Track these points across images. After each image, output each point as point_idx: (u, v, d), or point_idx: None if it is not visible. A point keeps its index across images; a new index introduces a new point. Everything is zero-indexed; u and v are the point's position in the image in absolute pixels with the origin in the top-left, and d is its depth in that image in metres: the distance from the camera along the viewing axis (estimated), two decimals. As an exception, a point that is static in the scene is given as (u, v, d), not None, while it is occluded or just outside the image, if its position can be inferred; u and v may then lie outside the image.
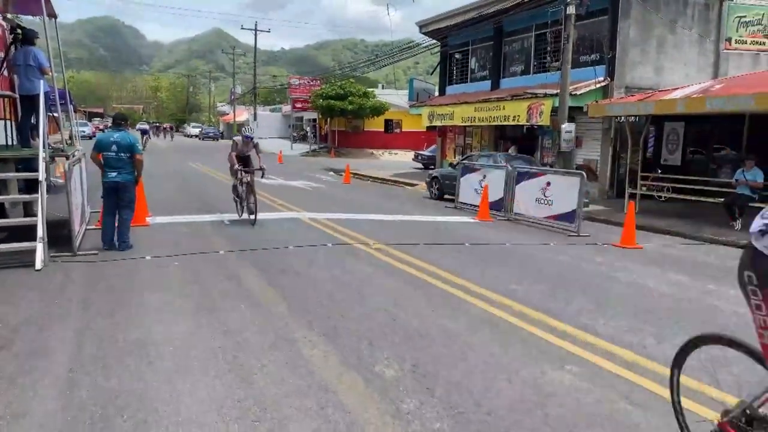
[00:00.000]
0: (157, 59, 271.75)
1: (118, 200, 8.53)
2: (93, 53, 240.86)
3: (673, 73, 17.99)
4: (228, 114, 76.86)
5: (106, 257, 7.98)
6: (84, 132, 35.21)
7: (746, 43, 17.17)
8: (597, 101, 16.62)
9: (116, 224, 8.58)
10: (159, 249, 8.59)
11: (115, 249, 8.41)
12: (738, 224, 12.14)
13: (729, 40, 16.94)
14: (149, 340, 4.94)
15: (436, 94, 29.39)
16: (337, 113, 43.31)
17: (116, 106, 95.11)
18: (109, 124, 11.24)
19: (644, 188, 15.52)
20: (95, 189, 9.69)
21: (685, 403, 3.54)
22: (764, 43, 17.38)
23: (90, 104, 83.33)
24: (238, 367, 4.43)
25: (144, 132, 44.97)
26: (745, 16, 16.99)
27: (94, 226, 9.63)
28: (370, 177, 25.59)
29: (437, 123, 25.11)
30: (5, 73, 10.75)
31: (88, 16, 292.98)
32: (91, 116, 65.75)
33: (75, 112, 13.49)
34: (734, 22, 16.90)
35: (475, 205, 14.22)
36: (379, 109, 44.45)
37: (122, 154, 8.45)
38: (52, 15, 9.58)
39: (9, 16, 12.19)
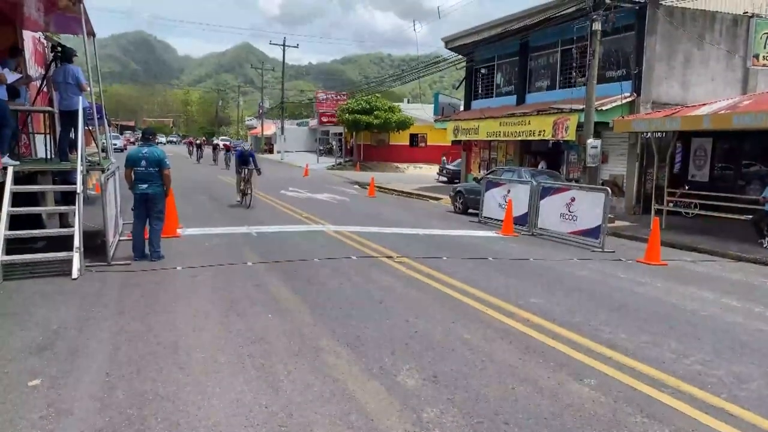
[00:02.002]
0: (187, 73, 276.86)
1: (149, 211, 8.82)
2: (125, 67, 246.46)
3: (700, 88, 17.91)
4: (256, 128, 77.96)
5: (138, 267, 8.27)
6: (116, 145, 36.09)
7: (775, 59, 17.03)
8: (623, 117, 16.61)
9: (147, 235, 8.87)
10: (190, 259, 8.86)
11: (147, 259, 8.69)
12: (766, 242, 12.01)
13: (757, 56, 16.83)
14: (181, 345, 5.15)
15: (461, 108, 29.54)
16: (363, 127, 43.68)
17: (147, 119, 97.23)
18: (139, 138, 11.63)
19: (671, 204, 15.43)
20: (126, 201, 10.02)
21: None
22: (792, 60, 17.22)
23: (121, 117, 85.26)
24: (266, 373, 4.61)
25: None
26: (773, 32, 16.87)
27: (126, 237, 9.96)
28: (395, 190, 25.77)
29: (462, 137, 25.25)
30: (45, 89, 11.22)
31: (121, 32, 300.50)
32: (122, 129, 67.22)
33: (109, 126, 13.92)
34: (762, 38, 16.79)
35: (500, 220, 14.28)
36: (404, 124, 44.71)
37: (151, 169, 8.73)
38: (91, 34, 9.98)
39: (49, 34, 12.73)
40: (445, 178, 32.10)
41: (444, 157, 35.32)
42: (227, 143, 51.49)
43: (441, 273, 8.59)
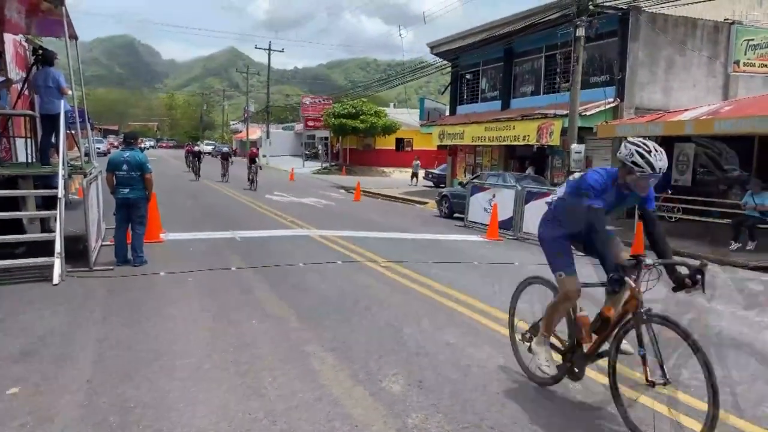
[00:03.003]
0: (173, 77, 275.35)
1: (131, 216, 8.74)
2: (110, 71, 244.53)
3: (682, 94, 18.12)
4: (241, 132, 77.64)
5: (121, 272, 8.18)
6: (99, 149, 35.74)
7: (755, 65, 17.28)
8: (606, 122, 16.76)
9: (129, 240, 8.78)
10: (173, 264, 8.78)
11: (130, 264, 8.60)
12: (735, 245, 12.16)
13: (737, 62, 17.06)
14: (165, 351, 5.09)
15: (447, 113, 29.65)
16: (349, 132, 43.69)
17: (131, 123, 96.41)
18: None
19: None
20: (109, 205, 9.91)
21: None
22: (772, 66, 17.49)
23: (105, 121, 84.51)
24: (251, 379, 4.57)
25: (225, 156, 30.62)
26: (753, 39, 17.12)
27: (108, 242, 9.85)
28: (381, 195, 25.78)
29: (448, 142, 25.34)
30: (26, 92, 11.07)
31: (106, 35, 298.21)
32: (106, 133, 66.66)
33: (92, 129, 13.78)
34: (743, 45, 17.03)
35: (485, 224, 14.33)
36: (390, 128, 44.79)
37: (133, 173, 8.65)
38: (74, 37, 9.88)
39: (30, 36, 12.57)
40: (431, 183, 32.14)
41: (416, 161, 35.03)
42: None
43: (427, 277, 8.59)
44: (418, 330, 6.03)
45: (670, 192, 16.68)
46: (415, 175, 33.80)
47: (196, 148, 34.97)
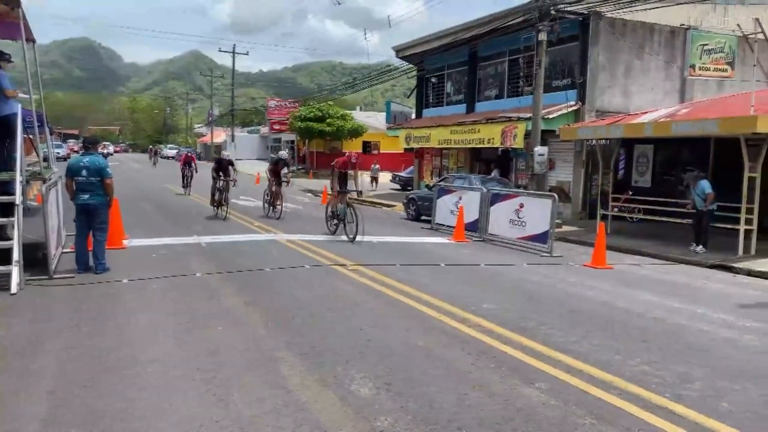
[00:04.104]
0: (135, 80, 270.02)
1: (91, 222, 8.54)
2: (69, 74, 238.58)
3: (641, 97, 18.58)
4: (205, 135, 76.69)
5: (82, 280, 7.99)
6: (59, 153, 34.84)
7: (710, 69, 17.80)
8: (569, 125, 17.06)
9: (91, 247, 8.59)
10: (137, 271, 8.61)
11: (91, 272, 8.41)
12: (695, 246, 12.40)
13: (693, 66, 17.54)
14: (130, 360, 5.01)
15: (413, 116, 29.78)
16: (316, 135, 43.55)
17: (92, 127, 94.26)
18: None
19: (615, 209, 15.91)
20: (69, 212, 9.68)
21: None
22: (726, 70, 18.04)
23: (66, 125, 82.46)
24: (218, 386, 4.52)
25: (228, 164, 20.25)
26: (707, 44, 17.64)
27: (69, 250, 9.62)
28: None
29: (414, 145, 25.46)
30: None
31: (64, 38, 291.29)
32: (66, 137, 65.10)
33: (51, 134, 13.43)
34: (698, 50, 17.52)
35: (451, 226, 14.44)
36: (357, 131, 44.79)
37: (92, 178, 8.44)
38: (31, 39, 9.63)
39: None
40: (398, 186, 32.12)
41: (375, 165, 33.92)
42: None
43: (394, 280, 8.62)
44: (385, 333, 6.05)
45: (630, 193, 17.07)
46: (374, 179, 32.54)
47: (189, 153, 28.97)
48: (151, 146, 68.04)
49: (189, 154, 26.57)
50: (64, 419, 3.91)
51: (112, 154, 71.41)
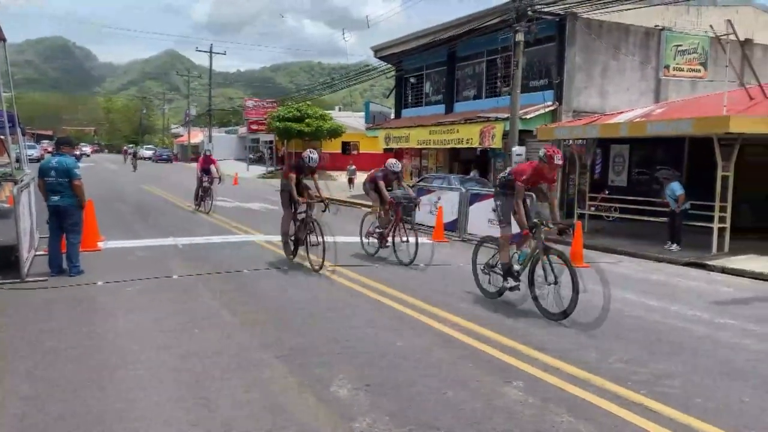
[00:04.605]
0: (111, 80, 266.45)
1: (61, 224, 8.38)
2: (43, 74, 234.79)
3: (617, 97, 18.81)
4: (182, 136, 75.93)
5: (55, 283, 7.84)
6: (32, 155, 34.20)
7: (683, 70, 18.09)
8: (546, 125, 17.20)
9: (64, 249, 8.43)
10: (111, 274, 8.48)
11: (65, 274, 8.26)
12: (674, 247, 12.59)
13: (667, 67, 17.82)
14: (106, 363, 4.93)
15: (392, 117, 29.79)
16: (294, 135, 43.30)
17: (67, 128, 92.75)
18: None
19: (592, 208, 16.08)
20: (43, 213, 9.50)
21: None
22: (699, 71, 18.35)
23: (40, 126, 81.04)
24: (198, 389, 4.47)
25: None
26: (681, 45, 17.93)
27: (42, 252, 9.44)
28: (327, 199, 25.59)
29: (394, 145, 25.48)
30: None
31: (37, 37, 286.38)
32: (39, 138, 63.98)
33: (23, 134, 13.19)
34: (672, 50, 17.80)
35: (430, 226, 14.45)
36: (336, 131, 44.66)
37: (60, 179, 8.27)
38: (1, 38, 9.44)
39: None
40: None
41: (350, 166, 33.05)
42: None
43: (373, 280, 8.60)
44: (365, 334, 6.03)
45: (607, 192, 17.26)
46: (351, 180, 31.53)
47: (208, 153, 19.64)
48: (126, 147, 66.00)
49: (208, 154, 19.17)
50: (40, 424, 3.83)
51: (89, 155, 70.39)
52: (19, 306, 6.73)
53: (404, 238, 10.30)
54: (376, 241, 10.97)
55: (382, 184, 11.19)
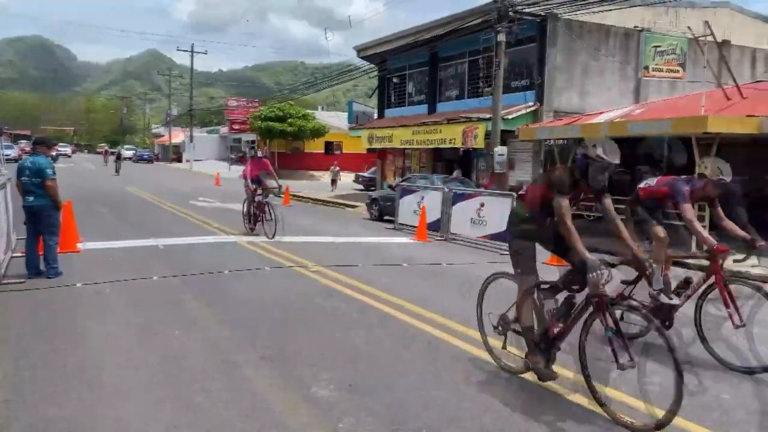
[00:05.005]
0: (92, 80, 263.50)
1: (37, 225, 8.26)
2: (23, 73, 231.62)
3: (597, 97, 18.98)
4: (163, 136, 75.29)
5: (33, 285, 7.72)
6: (9, 155, 33.68)
7: (663, 70, 18.32)
8: (527, 125, 17.32)
9: (42, 251, 8.32)
10: (91, 275, 8.37)
11: (43, 276, 8.14)
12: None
13: (647, 67, 18.03)
14: (88, 366, 4.87)
15: (375, 117, 29.80)
16: (277, 135, 43.12)
17: (46, 127, 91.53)
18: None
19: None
20: (20, 214, 9.36)
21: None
22: (678, 71, 18.59)
23: (18, 126, 79.90)
24: (181, 391, 4.43)
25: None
26: (660, 46, 18.15)
27: (19, 254, 9.30)
28: (311, 199, 25.60)
29: (377, 145, 25.50)
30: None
31: (15, 35, 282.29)
32: (17, 138, 63.09)
33: (1, 135, 13.00)
34: (651, 51, 18.01)
35: (414, 226, 14.48)
36: (319, 131, 44.54)
37: (33, 179, 8.14)
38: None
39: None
40: (361, 186, 32.01)
41: (334, 167, 32.69)
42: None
43: (357, 281, 8.59)
44: (349, 334, 6.02)
45: (588, 192, 17.37)
46: (334, 181, 31.57)
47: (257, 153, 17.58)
48: (107, 147, 64.74)
49: (260, 155, 15.13)
50: (21, 429, 3.78)
51: (69, 156, 69.45)
52: (-3, 309, 6.63)
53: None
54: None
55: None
